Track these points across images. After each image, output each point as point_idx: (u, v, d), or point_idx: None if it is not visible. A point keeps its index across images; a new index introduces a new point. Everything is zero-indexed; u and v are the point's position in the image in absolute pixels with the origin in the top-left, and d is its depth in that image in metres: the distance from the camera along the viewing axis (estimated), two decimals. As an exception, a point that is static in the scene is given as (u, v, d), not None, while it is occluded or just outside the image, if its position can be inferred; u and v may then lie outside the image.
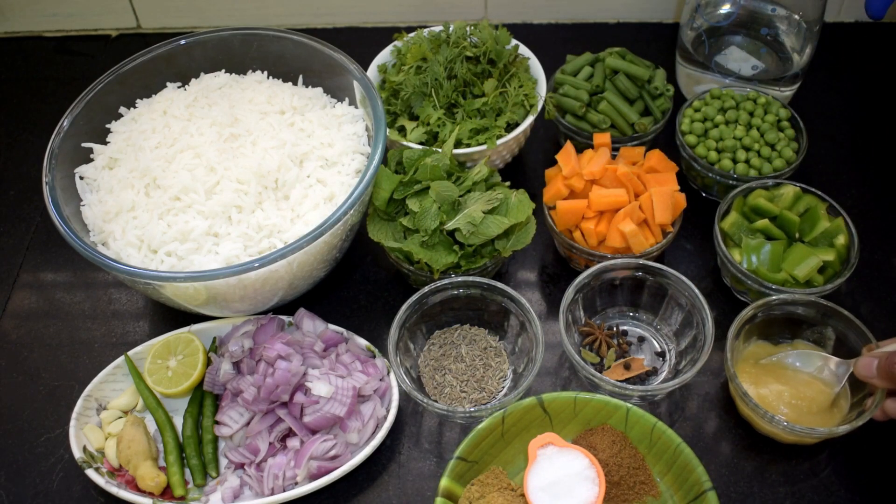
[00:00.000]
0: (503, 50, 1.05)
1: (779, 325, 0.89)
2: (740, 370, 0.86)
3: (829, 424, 0.82)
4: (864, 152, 1.13)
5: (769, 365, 0.87)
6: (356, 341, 0.91)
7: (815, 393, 0.84)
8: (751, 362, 0.88)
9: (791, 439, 0.84)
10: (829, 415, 0.83)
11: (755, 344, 0.90)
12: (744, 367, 0.87)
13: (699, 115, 1.04)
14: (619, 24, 1.31)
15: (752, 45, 1.12)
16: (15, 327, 1.00)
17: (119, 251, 0.88)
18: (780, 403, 0.84)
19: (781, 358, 0.87)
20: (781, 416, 0.81)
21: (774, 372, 0.86)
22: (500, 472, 0.81)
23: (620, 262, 0.91)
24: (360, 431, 0.84)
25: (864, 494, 0.83)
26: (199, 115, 0.97)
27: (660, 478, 0.81)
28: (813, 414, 0.83)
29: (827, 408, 0.84)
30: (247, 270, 0.80)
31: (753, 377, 0.86)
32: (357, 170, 0.95)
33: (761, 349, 0.89)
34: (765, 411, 0.80)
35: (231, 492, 0.82)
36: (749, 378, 0.86)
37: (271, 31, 1.03)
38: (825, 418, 0.83)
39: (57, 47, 1.34)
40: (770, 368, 0.87)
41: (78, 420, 0.86)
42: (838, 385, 0.83)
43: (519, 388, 0.84)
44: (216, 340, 0.93)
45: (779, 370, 0.87)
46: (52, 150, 0.92)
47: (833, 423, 0.82)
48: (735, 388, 0.83)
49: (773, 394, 0.84)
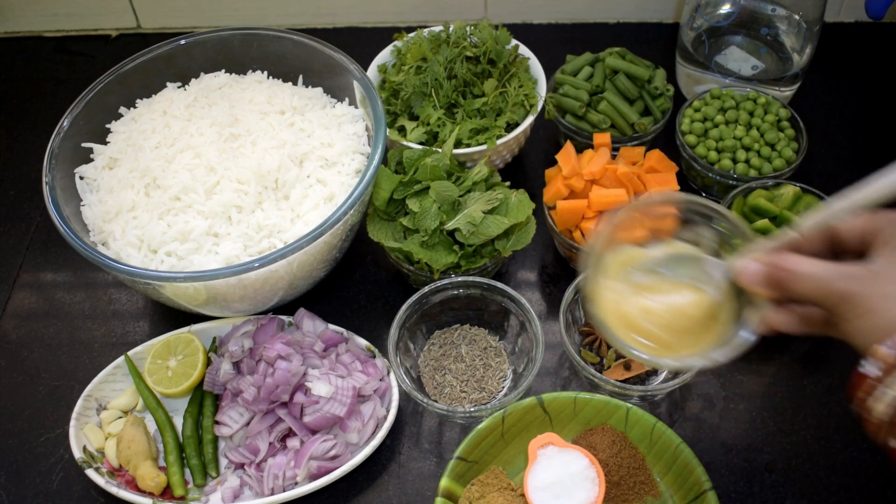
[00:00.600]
0: (503, 50, 1.05)
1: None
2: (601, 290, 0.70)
3: (709, 341, 0.67)
4: (864, 152, 1.13)
5: (637, 275, 0.71)
6: (356, 341, 0.91)
7: (690, 305, 0.68)
8: (620, 272, 0.72)
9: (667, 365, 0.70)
10: (709, 330, 0.68)
11: (623, 252, 0.72)
12: (607, 284, 0.71)
13: (699, 115, 1.04)
14: (619, 24, 1.31)
15: (752, 45, 1.12)
16: (15, 327, 1.00)
17: (119, 251, 0.88)
18: (648, 323, 0.68)
19: (651, 265, 0.71)
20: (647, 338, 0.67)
21: (643, 284, 0.71)
22: (500, 472, 0.81)
23: (620, 261, 0.91)
24: (360, 431, 0.84)
25: (862, 494, 0.83)
26: (199, 115, 0.97)
27: (660, 478, 0.81)
28: (689, 333, 0.68)
29: (705, 322, 0.68)
30: (247, 270, 0.80)
31: (618, 293, 0.70)
32: (357, 170, 0.95)
33: (630, 255, 0.72)
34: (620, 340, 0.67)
35: (231, 492, 0.82)
36: (613, 296, 0.70)
37: (271, 31, 1.03)
38: (704, 336, 0.68)
39: (57, 47, 1.34)
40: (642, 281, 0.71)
41: (78, 420, 0.86)
42: (717, 292, 0.68)
43: (519, 388, 0.84)
44: (216, 340, 0.93)
45: (652, 280, 0.71)
46: (52, 150, 0.92)
47: (712, 339, 0.67)
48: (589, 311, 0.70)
49: (639, 312, 0.69)
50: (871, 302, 0.54)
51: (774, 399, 0.90)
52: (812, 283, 0.57)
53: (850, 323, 0.55)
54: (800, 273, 0.58)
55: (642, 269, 0.71)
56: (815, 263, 0.58)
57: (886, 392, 0.51)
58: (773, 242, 0.63)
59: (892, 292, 0.54)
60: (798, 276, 0.58)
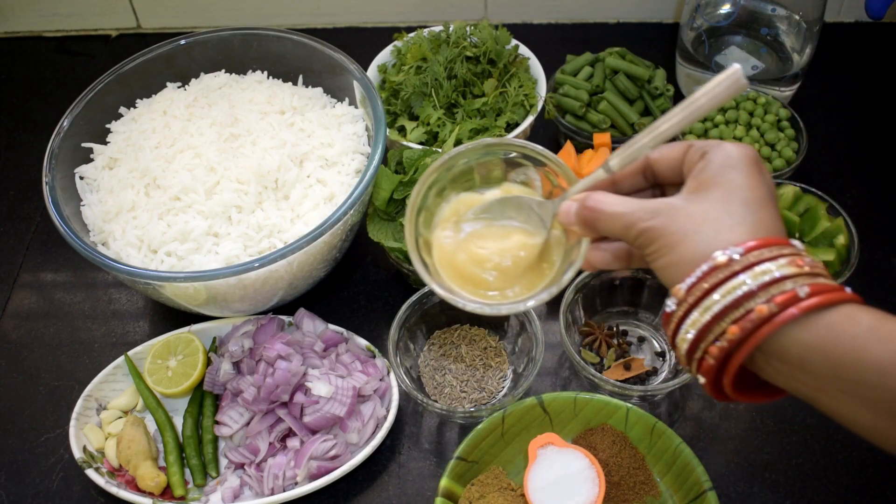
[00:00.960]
0: (503, 50, 1.05)
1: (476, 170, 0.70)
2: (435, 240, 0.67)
3: (544, 284, 0.65)
4: (864, 152, 1.13)
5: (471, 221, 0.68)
6: (356, 341, 0.91)
7: (521, 249, 0.66)
8: (452, 222, 0.68)
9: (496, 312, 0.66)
10: (542, 273, 0.66)
11: (456, 199, 0.68)
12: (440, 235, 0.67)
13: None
14: (619, 24, 1.31)
15: (752, 45, 1.12)
16: (15, 327, 1.00)
17: (119, 251, 0.88)
18: (481, 270, 0.66)
19: (484, 209, 0.68)
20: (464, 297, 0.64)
21: (477, 231, 0.68)
22: (500, 472, 0.81)
23: (620, 262, 0.91)
24: (360, 431, 0.84)
25: (862, 495, 0.83)
26: (199, 115, 0.97)
27: (660, 478, 0.81)
28: (522, 277, 0.66)
29: (535, 263, 0.66)
30: (247, 270, 0.80)
31: (452, 244, 0.67)
32: (357, 170, 0.95)
33: (464, 203, 0.68)
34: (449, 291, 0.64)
35: (231, 492, 0.82)
36: (447, 247, 0.67)
37: (271, 31, 1.03)
38: (538, 279, 0.66)
39: (57, 47, 1.34)
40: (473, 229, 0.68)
41: (78, 420, 0.86)
42: (544, 231, 0.65)
43: (519, 388, 0.84)
44: (216, 340, 0.93)
45: (482, 227, 0.68)
46: (52, 150, 0.92)
47: (547, 281, 0.65)
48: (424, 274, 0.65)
49: (471, 259, 0.66)
50: (672, 239, 0.53)
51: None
52: (617, 222, 0.56)
53: (657, 262, 0.54)
54: (604, 211, 0.57)
55: (473, 217, 0.68)
56: (621, 201, 0.57)
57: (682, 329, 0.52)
58: (590, 181, 0.62)
59: (690, 228, 0.52)
60: (603, 214, 0.57)
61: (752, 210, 0.52)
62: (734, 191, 0.53)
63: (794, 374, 0.50)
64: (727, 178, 0.53)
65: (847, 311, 0.48)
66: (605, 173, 0.60)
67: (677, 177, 0.58)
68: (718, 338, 0.50)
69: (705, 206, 0.53)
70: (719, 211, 0.52)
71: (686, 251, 0.52)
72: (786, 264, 0.49)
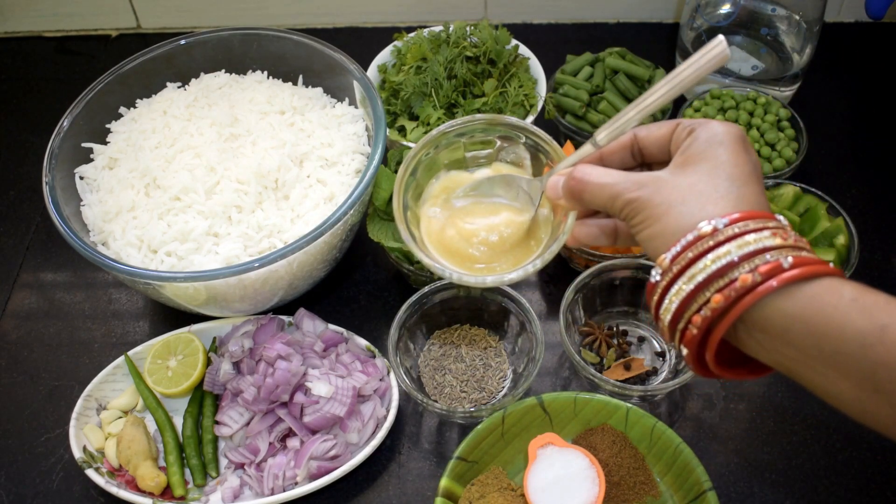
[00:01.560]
0: (503, 50, 1.05)
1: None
2: (424, 215, 0.69)
3: (526, 259, 0.66)
4: (864, 152, 1.13)
5: (462, 199, 0.70)
6: (356, 341, 0.91)
7: (508, 225, 0.68)
8: (441, 199, 0.70)
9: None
10: (530, 250, 0.67)
11: (446, 176, 0.71)
12: (428, 211, 0.69)
13: (699, 115, 1.04)
14: (619, 24, 1.31)
15: (752, 45, 1.12)
16: (15, 327, 1.00)
17: (119, 251, 0.88)
18: (469, 246, 0.67)
19: (473, 187, 0.70)
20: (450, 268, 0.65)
21: (466, 208, 0.69)
22: (500, 472, 0.81)
23: (620, 262, 0.91)
24: (360, 431, 0.84)
25: (862, 495, 0.83)
26: (199, 115, 0.97)
27: (660, 478, 0.81)
28: (510, 252, 0.67)
29: (523, 240, 0.68)
30: (247, 270, 0.80)
31: (441, 219, 0.69)
32: (357, 170, 0.95)
33: (454, 181, 0.71)
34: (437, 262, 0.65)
35: (231, 492, 0.82)
36: (436, 222, 0.69)
37: (271, 31, 1.03)
38: (525, 255, 0.67)
39: (57, 47, 1.34)
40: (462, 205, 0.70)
41: (78, 420, 0.86)
42: (532, 208, 0.67)
43: (519, 388, 0.84)
44: (216, 340, 0.93)
45: (471, 204, 0.70)
46: (52, 150, 0.92)
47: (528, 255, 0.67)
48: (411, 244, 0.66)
49: (460, 234, 0.67)
50: (658, 210, 0.54)
51: (774, 399, 0.90)
52: (603, 193, 0.57)
53: (642, 233, 0.55)
54: (591, 182, 0.58)
55: (463, 195, 0.70)
56: (607, 173, 0.58)
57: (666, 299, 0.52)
58: (578, 156, 0.63)
59: (676, 199, 0.53)
60: (590, 185, 0.58)
61: (737, 185, 0.53)
62: (720, 166, 0.54)
63: (776, 347, 0.50)
64: (713, 154, 0.54)
65: (829, 283, 0.48)
66: (593, 148, 0.61)
67: (664, 155, 0.59)
68: (702, 307, 0.50)
69: (692, 180, 0.54)
70: (705, 184, 0.53)
71: (671, 222, 0.53)
72: (770, 236, 0.50)
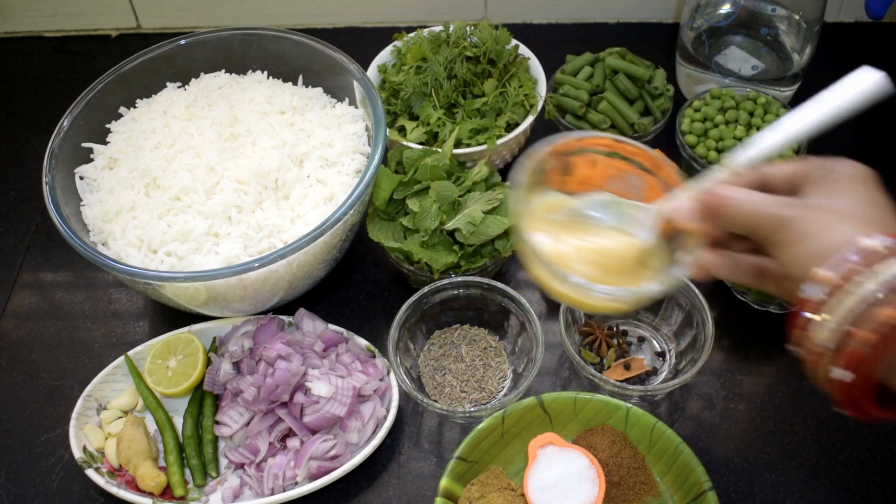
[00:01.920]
0: (503, 50, 1.05)
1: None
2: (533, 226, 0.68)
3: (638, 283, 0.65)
4: (864, 152, 1.13)
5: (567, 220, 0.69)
6: (356, 341, 0.91)
7: (620, 247, 0.67)
8: (544, 216, 0.69)
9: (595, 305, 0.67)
10: (639, 275, 0.66)
11: (551, 195, 0.70)
12: (536, 224, 0.68)
13: (699, 115, 1.04)
14: (619, 24, 1.31)
15: (752, 45, 1.12)
16: (15, 327, 1.00)
17: (119, 251, 0.88)
18: (578, 262, 0.66)
19: (580, 208, 0.69)
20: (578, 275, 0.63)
21: (572, 226, 0.69)
22: (500, 472, 0.81)
23: (620, 262, 0.91)
24: (360, 431, 0.84)
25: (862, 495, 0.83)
26: (199, 115, 0.97)
27: (660, 478, 0.81)
28: (618, 274, 0.66)
29: (636, 265, 0.67)
30: (247, 270, 0.80)
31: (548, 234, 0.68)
32: (357, 170, 0.95)
33: (558, 200, 0.70)
34: (557, 269, 0.63)
35: (231, 492, 0.82)
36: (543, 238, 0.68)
37: (271, 31, 1.03)
38: (634, 278, 0.66)
39: (57, 47, 1.34)
40: (567, 224, 0.69)
41: (78, 420, 0.86)
42: (648, 235, 0.66)
43: (519, 388, 0.84)
44: (216, 340, 0.93)
45: (577, 224, 0.69)
46: (52, 150, 0.92)
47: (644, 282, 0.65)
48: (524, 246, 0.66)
49: (569, 250, 0.67)
50: (809, 226, 0.53)
51: (774, 399, 0.90)
52: (749, 208, 0.56)
53: (788, 250, 0.53)
54: (736, 198, 0.57)
55: (570, 214, 0.69)
56: (751, 192, 0.57)
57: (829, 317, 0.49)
58: (704, 183, 0.62)
59: (829, 219, 0.52)
60: (735, 200, 0.57)
61: (885, 213, 0.53)
62: (865, 197, 0.54)
63: None
64: (855, 189, 0.55)
65: None
66: (726, 172, 0.60)
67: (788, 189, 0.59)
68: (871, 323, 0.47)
69: (841, 204, 0.54)
70: (856, 210, 0.53)
71: (825, 239, 0.51)
72: None
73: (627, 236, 0.67)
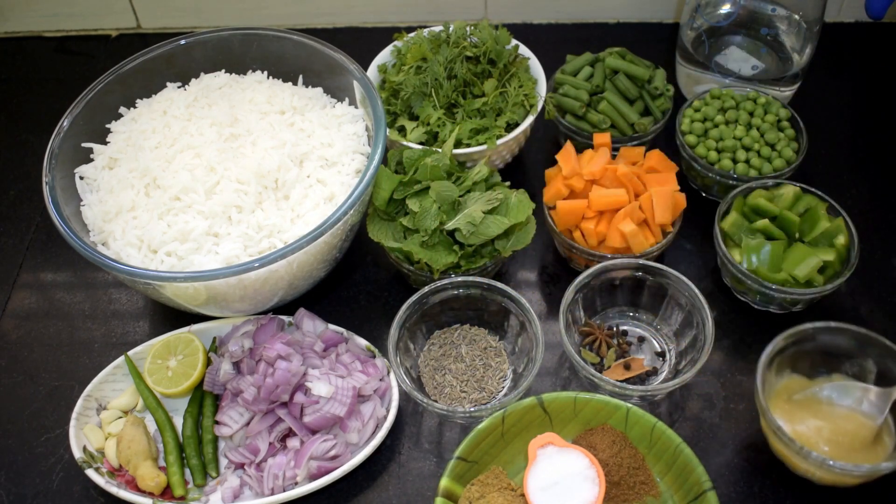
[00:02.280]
0: (503, 50, 1.05)
1: (813, 357, 0.84)
2: (773, 406, 0.81)
3: (873, 461, 0.77)
4: (864, 152, 1.13)
5: (804, 400, 0.82)
6: (356, 341, 0.91)
7: (855, 427, 0.79)
8: (784, 397, 0.82)
9: (830, 479, 0.78)
10: (872, 451, 0.78)
11: (789, 378, 0.84)
12: (776, 403, 0.82)
13: (699, 115, 1.04)
14: (619, 24, 1.31)
15: (752, 45, 1.12)
16: (15, 327, 1.00)
17: (119, 251, 0.88)
18: (818, 440, 0.78)
19: (816, 392, 0.82)
20: (819, 453, 0.75)
21: (810, 407, 0.81)
22: (500, 472, 0.81)
23: (620, 262, 0.91)
24: (360, 431, 0.84)
25: (863, 495, 0.83)
26: (199, 115, 0.97)
27: (660, 478, 0.81)
28: (855, 451, 0.78)
29: (870, 443, 0.79)
30: (247, 270, 0.80)
31: (787, 413, 0.81)
32: (357, 170, 0.95)
33: (795, 383, 0.84)
34: (801, 447, 0.75)
35: (231, 492, 0.82)
36: (782, 414, 0.81)
37: (271, 31, 1.03)
38: (868, 455, 0.78)
39: (57, 47, 1.34)
40: (805, 404, 0.82)
41: (78, 420, 0.86)
42: (880, 417, 0.78)
43: (519, 388, 0.84)
44: (216, 340, 0.93)
45: (814, 405, 0.81)
46: (52, 150, 0.92)
47: (877, 459, 0.77)
48: (767, 423, 0.78)
49: (809, 430, 0.79)
50: None
51: (774, 399, 0.90)
52: None
53: None
54: None
55: (808, 395, 0.82)
56: None
57: None
58: None
59: None
60: None
61: None
62: None
63: None
64: None
65: None
66: None
67: None
68: None
69: None
70: None
71: None
72: None
73: (861, 417, 0.79)
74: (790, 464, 0.80)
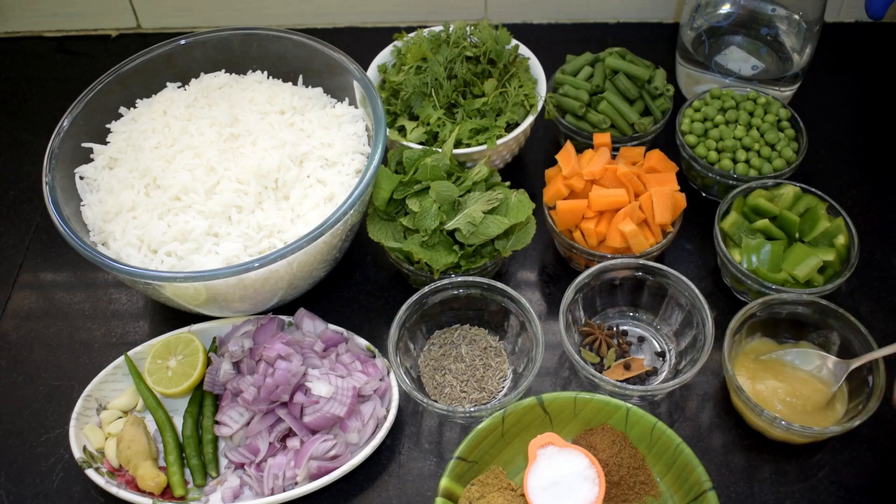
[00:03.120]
0: (503, 50, 1.05)
1: (783, 325, 0.90)
2: (739, 364, 0.88)
3: (823, 425, 0.82)
4: (864, 152, 1.13)
5: (768, 361, 0.88)
6: (356, 341, 0.91)
7: (810, 391, 0.85)
8: (751, 357, 0.88)
9: (780, 436, 0.84)
10: (823, 415, 0.84)
11: (758, 340, 0.90)
12: (743, 362, 0.88)
13: (699, 115, 1.04)
14: (619, 24, 1.31)
15: (752, 45, 1.12)
16: (15, 327, 1.00)
17: (119, 251, 0.88)
18: (774, 400, 0.84)
19: (781, 355, 0.88)
20: (771, 412, 0.81)
21: (773, 368, 0.87)
22: (500, 472, 0.81)
23: (620, 262, 0.91)
24: (360, 431, 0.84)
25: (862, 495, 0.83)
26: (199, 115, 0.97)
27: (660, 478, 0.81)
28: (807, 413, 0.84)
29: (822, 408, 0.84)
30: (247, 270, 0.80)
31: (751, 372, 0.87)
32: (357, 170, 0.95)
33: (764, 346, 0.90)
34: (755, 405, 0.81)
35: (231, 492, 0.82)
36: (746, 372, 0.87)
37: (271, 31, 1.03)
38: (819, 418, 0.83)
39: (57, 47, 1.34)
40: (769, 365, 0.88)
41: (78, 420, 0.86)
42: (835, 385, 0.84)
43: (519, 388, 0.84)
44: (216, 340, 0.93)
45: (777, 367, 0.87)
46: (52, 150, 0.92)
47: (826, 423, 0.83)
48: (729, 381, 0.84)
49: (768, 389, 0.85)
50: None
51: (774, 399, 0.90)
52: None
53: None
54: None
55: (772, 357, 0.88)
56: None
57: None
58: None
59: None
60: None
61: None
62: None
63: None
64: None
65: None
66: None
67: None
68: None
69: None
70: None
71: None
72: None
73: (818, 382, 0.85)
74: (746, 419, 0.86)
